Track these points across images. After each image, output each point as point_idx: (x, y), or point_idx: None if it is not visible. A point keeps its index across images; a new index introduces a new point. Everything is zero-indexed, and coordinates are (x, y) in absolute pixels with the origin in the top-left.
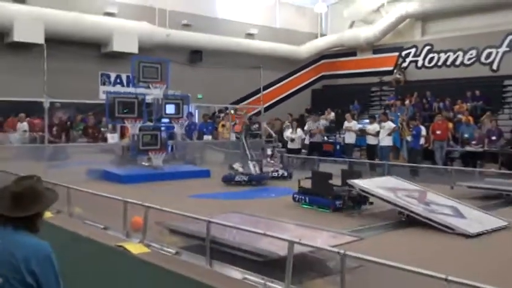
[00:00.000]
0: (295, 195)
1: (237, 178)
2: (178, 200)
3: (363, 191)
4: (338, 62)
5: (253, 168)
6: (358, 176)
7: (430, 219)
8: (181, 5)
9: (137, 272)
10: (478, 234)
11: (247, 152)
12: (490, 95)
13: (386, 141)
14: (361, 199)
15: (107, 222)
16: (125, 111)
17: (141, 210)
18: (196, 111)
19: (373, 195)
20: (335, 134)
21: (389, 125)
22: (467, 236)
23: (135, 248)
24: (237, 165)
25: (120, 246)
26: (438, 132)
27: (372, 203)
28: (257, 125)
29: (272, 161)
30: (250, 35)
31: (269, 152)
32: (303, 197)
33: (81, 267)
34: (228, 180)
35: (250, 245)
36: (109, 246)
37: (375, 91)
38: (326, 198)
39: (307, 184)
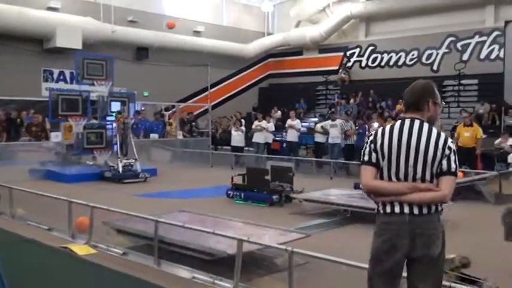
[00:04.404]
0: (228, 192)
1: (106, 174)
2: (125, 199)
3: (309, 199)
4: (284, 60)
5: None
6: (289, 171)
7: (371, 209)
8: (127, 1)
9: (83, 274)
10: None
11: (121, 150)
12: None
13: (339, 139)
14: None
15: (52, 223)
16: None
17: (87, 210)
18: (143, 108)
19: (318, 201)
20: (281, 132)
21: (341, 123)
22: None
23: (80, 249)
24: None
25: (66, 247)
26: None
27: (301, 201)
28: (194, 123)
29: None
30: (197, 33)
31: None
32: (237, 193)
33: (25, 269)
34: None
35: (199, 244)
36: (54, 248)
37: (320, 90)
38: (262, 193)
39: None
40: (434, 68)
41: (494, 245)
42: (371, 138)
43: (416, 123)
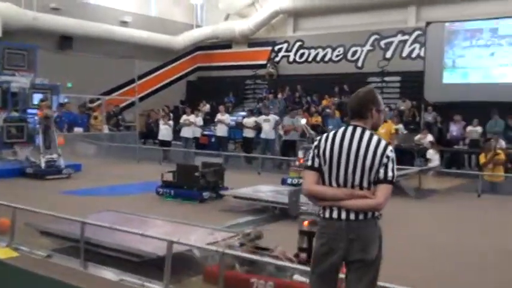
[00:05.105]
0: (158, 189)
1: (27, 170)
2: (49, 197)
3: (238, 196)
4: (213, 54)
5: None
6: (218, 167)
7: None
8: None
9: (5, 279)
10: None
11: (42, 144)
12: (355, 90)
13: (272, 134)
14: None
15: None
16: None
17: (8, 210)
18: (66, 100)
19: (247, 198)
20: (210, 127)
21: (274, 118)
22: None
23: (1, 252)
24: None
25: None
26: None
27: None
28: (120, 116)
29: (296, 167)
30: (124, 23)
31: (300, 154)
32: (167, 190)
33: None
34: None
35: (127, 246)
36: None
37: (249, 84)
38: (192, 190)
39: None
40: (359, 64)
41: (416, 237)
42: (316, 143)
43: (358, 130)
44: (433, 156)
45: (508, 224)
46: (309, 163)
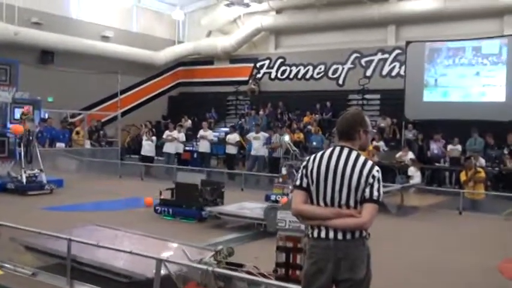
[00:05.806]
0: (157, 208)
1: (8, 185)
2: (31, 213)
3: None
4: (195, 69)
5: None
6: (217, 185)
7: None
8: (32, 1)
9: None
10: None
11: (24, 160)
12: (336, 107)
13: (262, 151)
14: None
15: None
16: None
17: None
18: (47, 115)
19: (233, 215)
20: (192, 142)
21: (264, 135)
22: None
23: None
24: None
25: None
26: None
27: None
28: (102, 131)
29: (279, 184)
30: (105, 38)
31: (284, 171)
32: (165, 209)
33: None
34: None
35: (115, 266)
36: None
37: (231, 100)
38: (191, 209)
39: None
40: (340, 82)
41: (398, 254)
42: (304, 163)
43: (345, 151)
44: (415, 174)
45: (488, 241)
46: (298, 183)
